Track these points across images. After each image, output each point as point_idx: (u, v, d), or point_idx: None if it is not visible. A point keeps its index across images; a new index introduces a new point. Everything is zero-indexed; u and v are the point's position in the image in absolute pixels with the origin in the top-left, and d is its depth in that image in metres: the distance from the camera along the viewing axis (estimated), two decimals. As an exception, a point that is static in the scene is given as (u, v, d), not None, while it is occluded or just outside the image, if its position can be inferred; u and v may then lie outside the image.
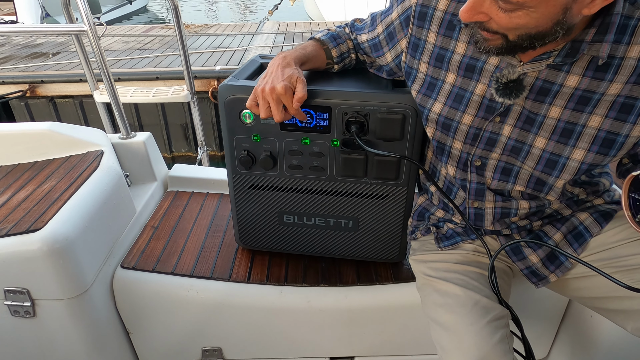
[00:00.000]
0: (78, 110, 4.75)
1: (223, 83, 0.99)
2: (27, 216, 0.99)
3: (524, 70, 0.74)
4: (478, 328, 0.77)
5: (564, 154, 0.77)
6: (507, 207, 0.89)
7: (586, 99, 0.72)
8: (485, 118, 0.81)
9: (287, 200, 1.07)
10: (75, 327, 1.02)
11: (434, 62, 0.85)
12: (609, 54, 0.69)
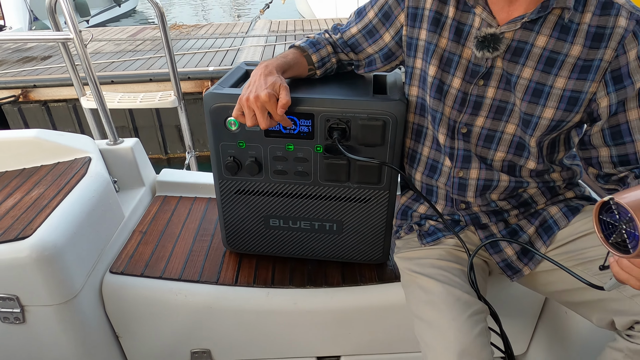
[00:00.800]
0: (71, 113, 4.73)
1: (208, 91, 1.00)
2: (16, 223, 0.99)
3: (501, 30, 0.82)
4: (460, 323, 0.80)
5: (536, 114, 0.85)
6: (489, 179, 0.93)
7: (552, 60, 0.82)
8: (470, 82, 0.88)
9: (273, 204, 1.09)
10: (65, 333, 1.03)
11: (430, 26, 0.90)
12: (569, 18, 0.80)
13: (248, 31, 6.43)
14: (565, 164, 0.96)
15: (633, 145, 0.82)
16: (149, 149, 5.08)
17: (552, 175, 0.95)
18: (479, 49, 0.84)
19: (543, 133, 0.86)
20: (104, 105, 1.35)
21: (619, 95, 0.80)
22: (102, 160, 1.26)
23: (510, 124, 0.88)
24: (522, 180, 0.93)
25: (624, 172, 0.84)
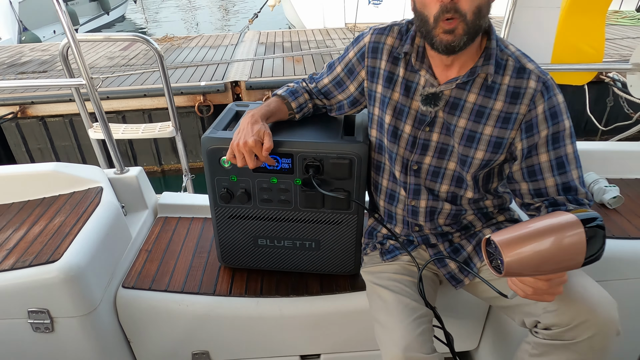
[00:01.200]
0: (68, 128, 4.87)
1: (205, 135, 1.20)
2: (45, 248, 1.18)
3: (441, 88, 1.03)
4: (405, 324, 1.00)
5: (470, 155, 1.05)
6: (435, 207, 1.14)
7: (481, 112, 1.03)
8: (418, 128, 1.08)
9: (260, 227, 1.29)
10: (87, 339, 1.22)
11: (385, 83, 1.10)
12: (493, 80, 1.00)
13: (238, 43, 6.62)
14: (498, 192, 1.17)
15: (544, 182, 1.03)
16: (144, 161, 5.24)
17: (486, 203, 1.16)
18: (424, 104, 1.05)
19: (476, 170, 1.07)
20: (112, 140, 1.54)
21: (529, 141, 1.01)
22: (111, 189, 1.45)
23: (451, 162, 1.09)
24: (462, 208, 1.14)
25: (538, 203, 1.05)
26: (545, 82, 1.00)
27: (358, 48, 1.14)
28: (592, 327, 0.90)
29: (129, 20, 15.35)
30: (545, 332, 0.96)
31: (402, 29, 1.10)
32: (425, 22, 0.94)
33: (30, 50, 6.61)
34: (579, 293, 0.92)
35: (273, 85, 4.90)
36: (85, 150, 5.14)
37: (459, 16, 0.90)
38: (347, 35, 6.91)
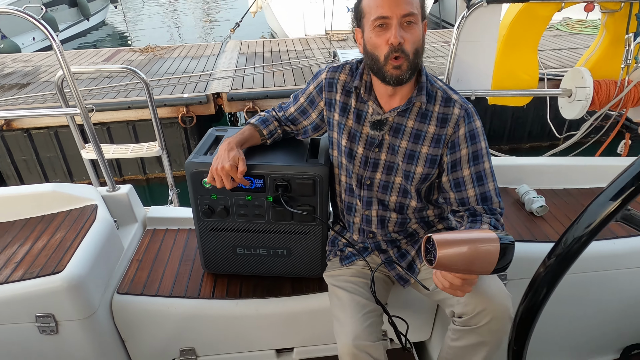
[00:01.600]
0: (53, 140, 4.97)
1: (188, 160, 1.39)
2: (50, 261, 1.35)
3: (385, 115, 1.24)
4: (355, 319, 1.21)
5: (412, 170, 1.27)
6: (384, 215, 1.36)
7: (418, 135, 1.24)
8: (369, 149, 1.29)
9: (238, 237, 1.48)
10: (87, 339, 1.39)
11: (340, 111, 1.31)
12: (425, 108, 1.23)
13: (219, 53, 6.77)
14: (438, 203, 1.39)
15: (466, 192, 1.25)
16: (129, 171, 5.36)
17: (428, 212, 1.38)
18: (372, 129, 1.27)
19: (418, 183, 1.28)
20: (105, 161, 1.71)
21: (452, 157, 1.24)
22: (105, 205, 1.62)
23: (397, 177, 1.30)
24: (407, 217, 1.35)
25: (462, 212, 1.27)
26: (467, 110, 1.22)
27: (317, 83, 1.35)
28: (489, 314, 1.13)
29: (110, 26, 15.23)
30: (458, 320, 1.18)
31: (352, 67, 1.32)
32: (376, 61, 1.16)
33: (12, 61, 6.65)
34: (481, 288, 1.15)
35: (254, 96, 5.09)
36: (70, 161, 5.24)
37: (404, 55, 1.12)
38: (326, 45, 7.13)
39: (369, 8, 1.14)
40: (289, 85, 5.28)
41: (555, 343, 1.77)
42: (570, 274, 1.58)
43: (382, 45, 1.13)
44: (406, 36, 1.11)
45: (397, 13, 1.09)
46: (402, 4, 1.09)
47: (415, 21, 1.12)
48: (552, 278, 0.76)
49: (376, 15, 1.11)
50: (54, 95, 5.18)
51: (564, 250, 0.73)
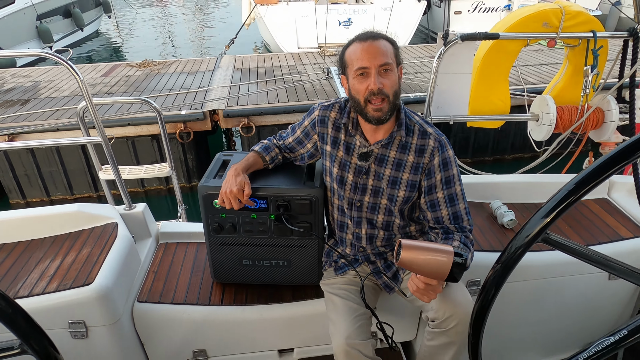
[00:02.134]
0: (55, 155, 5.11)
1: (200, 184, 1.59)
2: (80, 274, 1.54)
3: (371, 147, 1.45)
4: (347, 320, 1.41)
5: (395, 194, 1.47)
6: (372, 233, 1.56)
7: (400, 164, 1.45)
8: (358, 176, 1.50)
9: (244, 251, 1.68)
10: (112, 343, 1.57)
11: (332, 144, 1.52)
12: (405, 140, 1.42)
13: (214, 68, 6.98)
14: (419, 220, 1.60)
15: (440, 212, 1.46)
16: (129, 184, 5.52)
17: (411, 228, 1.59)
18: (360, 159, 1.48)
19: (400, 204, 1.49)
20: (122, 182, 1.90)
21: (428, 182, 1.45)
22: (123, 223, 1.81)
23: (383, 199, 1.51)
24: (393, 233, 1.56)
25: (437, 229, 1.48)
26: (440, 142, 1.44)
27: (311, 119, 1.57)
28: (456, 318, 1.33)
29: (104, 36, 15.37)
30: (432, 323, 1.39)
31: (341, 105, 1.53)
32: (358, 103, 1.37)
33: (12, 76, 6.79)
34: (450, 296, 1.36)
35: (249, 113, 5.30)
36: (71, 176, 5.38)
37: (385, 96, 1.34)
38: (318, 60, 7.38)
39: (351, 60, 1.36)
40: (283, 102, 5.50)
41: (525, 343, 1.99)
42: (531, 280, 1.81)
43: (363, 90, 1.34)
44: (384, 82, 1.32)
45: (374, 64, 1.31)
46: (378, 56, 1.31)
47: (391, 68, 1.34)
48: (499, 281, 0.93)
49: (357, 66, 1.33)
50: (55, 112, 5.35)
51: (507, 258, 0.90)
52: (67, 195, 5.44)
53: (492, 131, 5.75)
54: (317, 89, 5.95)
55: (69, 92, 6.00)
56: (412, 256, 1.17)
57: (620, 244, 1.86)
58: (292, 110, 5.37)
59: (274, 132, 5.36)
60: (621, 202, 2.08)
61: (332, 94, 5.78)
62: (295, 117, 5.34)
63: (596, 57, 2.15)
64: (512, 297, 1.81)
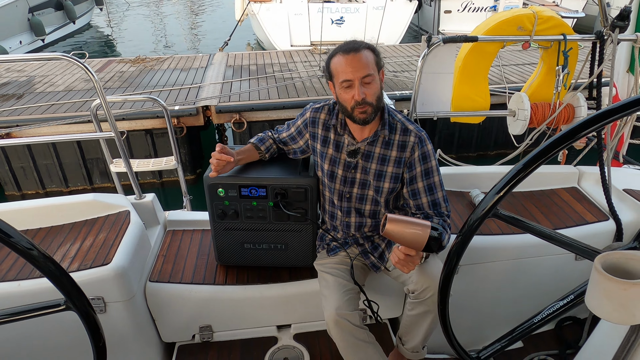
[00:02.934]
0: (50, 148, 5.25)
1: (205, 175, 1.77)
2: (98, 256, 1.72)
3: (358, 145, 1.64)
4: (337, 294, 1.61)
5: (381, 185, 1.66)
6: (361, 222, 1.75)
7: (384, 159, 1.63)
8: (347, 171, 1.68)
9: (246, 235, 1.87)
10: (128, 318, 1.76)
11: (322, 143, 1.70)
12: (388, 137, 1.60)
13: (207, 65, 7.13)
14: (403, 207, 1.81)
15: (421, 200, 1.66)
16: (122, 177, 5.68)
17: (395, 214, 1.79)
18: (348, 156, 1.66)
19: (386, 195, 1.69)
20: (133, 174, 2.09)
21: (410, 174, 1.64)
22: (135, 211, 2.00)
23: (370, 191, 1.71)
24: (379, 220, 1.77)
25: (418, 214, 1.69)
26: (420, 137, 1.64)
27: (303, 120, 1.75)
28: (432, 289, 1.54)
29: (95, 28, 15.39)
30: (412, 295, 1.60)
31: (330, 107, 1.71)
32: (345, 109, 1.56)
33: (6, 70, 6.87)
34: (427, 270, 1.55)
35: (240, 109, 5.48)
36: (66, 168, 5.53)
37: (368, 104, 1.52)
38: (309, 58, 7.56)
39: (337, 72, 1.53)
40: (273, 99, 5.69)
41: (500, 319, 2.21)
42: (505, 260, 2.03)
43: (349, 99, 1.52)
44: (367, 91, 1.50)
45: (357, 76, 1.48)
46: (360, 69, 1.48)
47: (373, 78, 1.51)
48: (459, 251, 1.10)
49: (342, 79, 1.51)
50: (51, 106, 5.48)
51: (466, 230, 1.07)
52: (62, 188, 5.59)
53: (475, 128, 6.00)
54: (307, 86, 6.14)
55: (63, 87, 6.11)
56: (395, 228, 1.37)
57: (585, 227, 2.09)
58: (282, 106, 5.56)
59: (264, 127, 5.65)
60: (589, 191, 2.32)
61: (322, 91, 5.97)
62: (286, 114, 5.54)
63: (566, 57, 2.37)
64: (488, 277, 2.04)
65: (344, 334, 1.59)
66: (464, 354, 1.30)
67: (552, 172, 2.37)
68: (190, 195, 2.66)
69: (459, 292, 1.91)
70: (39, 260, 0.93)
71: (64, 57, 1.84)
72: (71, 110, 5.33)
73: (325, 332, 1.78)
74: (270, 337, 2.02)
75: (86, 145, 5.40)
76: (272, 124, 5.58)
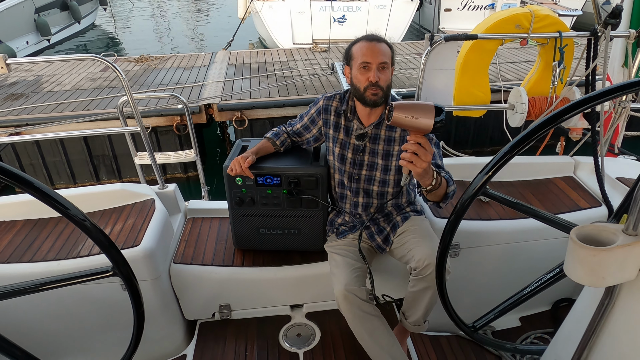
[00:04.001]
0: (59, 146, 5.52)
1: (225, 164, 2.01)
2: (128, 239, 1.96)
3: (365, 129, 1.86)
4: (346, 272, 1.82)
5: (389, 164, 1.87)
6: (368, 201, 1.97)
7: (390, 139, 1.84)
8: (356, 154, 1.91)
9: (261, 221, 2.11)
10: (155, 295, 2.00)
11: (334, 128, 1.93)
12: None
13: (210, 64, 7.40)
14: (408, 190, 2.04)
15: None
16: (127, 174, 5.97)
17: (402, 200, 2.03)
18: (357, 140, 1.89)
19: (394, 173, 1.90)
20: (157, 166, 2.33)
21: None
22: (159, 200, 2.24)
23: (377, 173, 1.93)
24: (385, 202, 2.00)
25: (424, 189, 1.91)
26: None
27: (316, 108, 1.98)
28: (432, 266, 1.75)
29: (100, 28, 15.79)
30: (413, 272, 1.81)
31: (341, 96, 1.94)
32: (358, 90, 1.79)
33: (14, 70, 7.17)
34: (427, 249, 1.76)
35: (242, 107, 5.76)
36: (74, 165, 5.80)
37: (380, 88, 1.75)
38: (309, 56, 7.82)
39: (357, 55, 1.77)
40: (274, 97, 5.94)
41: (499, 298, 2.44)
42: (503, 244, 2.26)
43: (364, 80, 1.76)
44: (381, 76, 1.74)
45: (376, 61, 1.73)
46: (379, 55, 1.73)
47: (387, 67, 1.76)
48: (453, 227, 1.19)
49: (362, 61, 1.74)
50: (58, 105, 5.75)
51: (458, 208, 1.20)
52: (69, 184, 5.87)
53: (471, 125, 6.23)
54: (307, 84, 6.40)
55: (70, 86, 6.39)
56: (401, 114, 1.41)
57: (579, 212, 2.32)
58: (282, 104, 5.83)
59: (265, 124, 5.93)
60: (584, 179, 2.54)
61: (321, 89, 6.23)
62: (286, 111, 5.82)
63: (562, 53, 2.59)
64: (486, 259, 2.26)
65: (352, 307, 1.81)
66: (461, 323, 1.44)
67: (549, 162, 2.60)
68: (208, 186, 2.91)
69: (459, 274, 2.15)
70: (91, 230, 1.09)
71: (95, 57, 2.09)
72: (78, 109, 5.61)
73: (335, 311, 2.01)
74: (284, 316, 2.26)
75: (93, 143, 5.67)
76: (273, 122, 5.86)
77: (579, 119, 2.66)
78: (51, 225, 2.09)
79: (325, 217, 2.11)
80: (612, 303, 1.10)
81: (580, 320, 1.24)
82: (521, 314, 2.46)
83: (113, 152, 5.74)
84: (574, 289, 2.49)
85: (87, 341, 2.07)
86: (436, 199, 1.70)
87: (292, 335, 2.18)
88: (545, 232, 2.24)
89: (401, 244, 1.94)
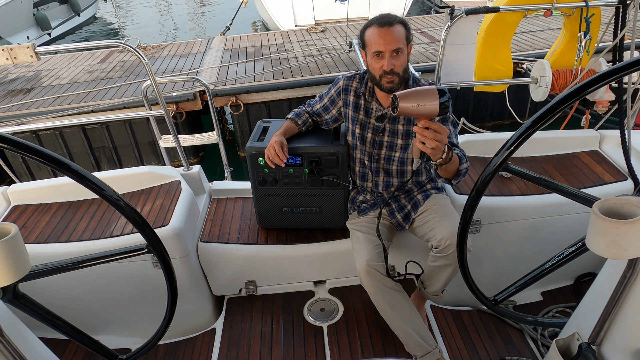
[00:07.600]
0: (59, 139, 6.03)
1: (248, 145, 2.37)
2: (157, 218, 2.36)
3: (385, 110, 2.19)
4: (368, 248, 2.17)
5: (410, 143, 2.17)
6: (388, 180, 2.32)
7: (410, 119, 2.13)
8: (375, 134, 2.24)
9: (284, 200, 2.48)
10: (184, 272, 2.39)
11: (353, 109, 2.28)
12: None
13: (206, 50, 7.93)
14: (427, 167, 2.38)
15: None
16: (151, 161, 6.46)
17: (423, 178, 2.37)
18: (376, 121, 2.25)
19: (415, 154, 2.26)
20: (181, 149, 2.72)
21: None
22: (185, 181, 2.63)
23: (396, 152, 2.28)
24: (405, 181, 2.34)
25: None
26: None
27: (336, 88, 2.33)
28: (453, 245, 2.07)
29: (101, 20, 16.65)
30: (435, 249, 2.14)
31: (360, 76, 2.27)
32: (374, 77, 2.14)
33: (14, 66, 7.78)
34: (450, 228, 2.08)
35: (236, 92, 6.24)
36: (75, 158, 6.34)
37: (396, 74, 2.08)
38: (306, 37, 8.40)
39: (369, 42, 2.08)
40: (268, 80, 6.42)
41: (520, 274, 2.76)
42: (525, 219, 2.58)
43: (378, 69, 2.08)
44: (395, 63, 2.05)
45: (388, 49, 2.02)
46: (392, 42, 2.02)
47: (402, 51, 1.99)
48: (474, 203, 1.32)
49: (374, 50, 2.05)
50: (56, 99, 6.26)
51: (479, 184, 1.27)
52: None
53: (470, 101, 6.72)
54: (302, 66, 6.82)
55: (68, 79, 6.91)
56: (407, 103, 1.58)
57: (603, 187, 2.61)
58: (276, 87, 6.30)
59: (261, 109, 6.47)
60: (609, 153, 2.83)
61: (316, 70, 6.70)
62: (281, 94, 6.31)
63: (588, 24, 2.86)
64: (508, 234, 2.59)
65: (374, 281, 2.16)
66: (483, 297, 1.57)
67: (573, 137, 2.90)
68: (230, 167, 3.32)
69: (480, 249, 2.48)
70: (125, 209, 1.23)
71: (119, 43, 2.48)
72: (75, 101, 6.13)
73: (357, 286, 2.37)
74: (308, 291, 2.64)
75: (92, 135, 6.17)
76: (269, 105, 6.37)
77: (605, 92, 2.94)
78: (85, 206, 2.51)
79: (346, 195, 2.47)
80: (634, 275, 1.17)
81: (602, 292, 1.33)
82: (543, 289, 2.78)
83: (135, 140, 6.25)
84: (598, 264, 2.79)
85: (123, 315, 2.49)
86: (448, 176, 1.90)
87: (316, 310, 2.56)
88: (568, 207, 2.54)
89: (423, 222, 2.28)
